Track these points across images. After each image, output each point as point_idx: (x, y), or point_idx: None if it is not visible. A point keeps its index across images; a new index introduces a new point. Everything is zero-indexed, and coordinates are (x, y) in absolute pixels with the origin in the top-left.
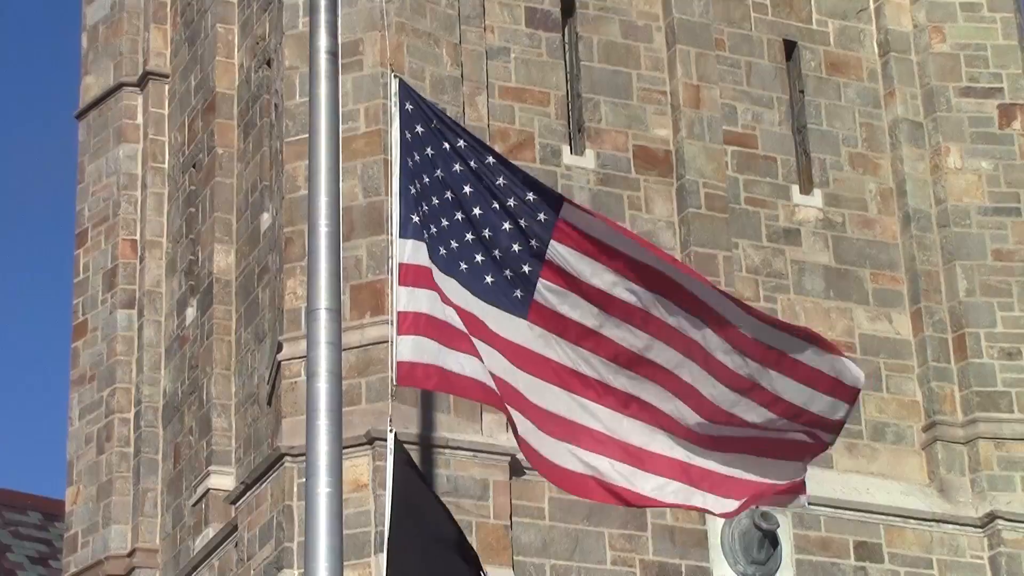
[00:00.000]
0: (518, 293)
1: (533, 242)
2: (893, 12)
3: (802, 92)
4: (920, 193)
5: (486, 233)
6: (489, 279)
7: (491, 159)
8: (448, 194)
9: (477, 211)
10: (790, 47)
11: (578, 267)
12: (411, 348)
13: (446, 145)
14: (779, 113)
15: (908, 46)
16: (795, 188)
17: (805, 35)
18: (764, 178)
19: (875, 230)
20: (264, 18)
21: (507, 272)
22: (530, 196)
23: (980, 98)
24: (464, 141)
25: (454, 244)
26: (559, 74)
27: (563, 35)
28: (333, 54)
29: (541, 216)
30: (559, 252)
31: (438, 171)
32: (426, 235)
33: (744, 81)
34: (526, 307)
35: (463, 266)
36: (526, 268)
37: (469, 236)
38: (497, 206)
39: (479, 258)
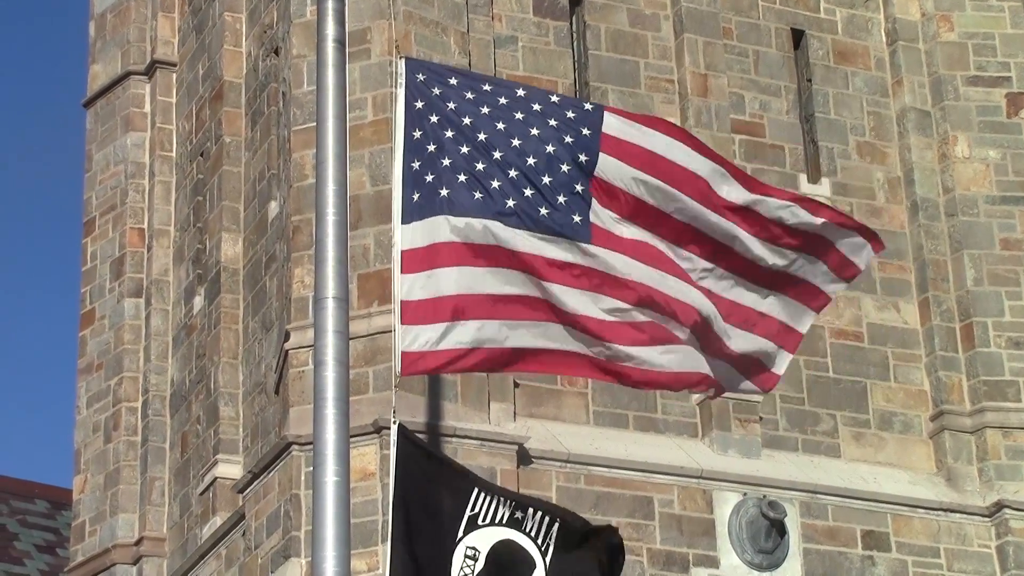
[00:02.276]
0: (577, 218)
1: (582, 156)
2: (901, 1)
3: (810, 81)
4: (928, 182)
5: (530, 161)
6: (544, 210)
7: (521, 91)
8: (481, 136)
9: (516, 142)
10: (798, 36)
11: (623, 179)
12: (414, 337)
13: (469, 94)
14: (787, 102)
15: (916, 35)
16: (803, 177)
17: (813, 24)
18: (772, 167)
19: (883, 219)
20: (272, 6)
21: (561, 198)
22: (571, 113)
23: (988, 87)
24: (490, 84)
25: (495, 183)
26: (567, 63)
27: (571, 24)
28: (341, 42)
29: (585, 131)
30: (607, 163)
31: (465, 118)
32: (444, 191)
33: (752, 70)
34: (588, 231)
35: (510, 203)
36: (579, 187)
37: (512, 173)
38: (536, 131)
39: (528, 192)
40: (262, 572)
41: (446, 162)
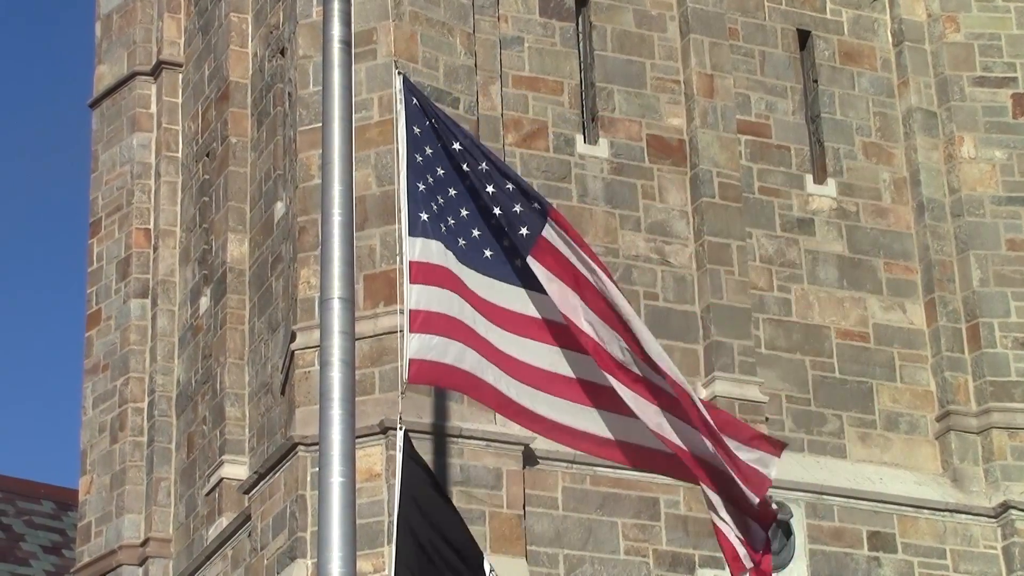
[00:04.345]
0: (518, 262)
1: (517, 261)
2: (907, 2)
3: (816, 81)
4: (934, 182)
5: (496, 211)
6: (488, 252)
7: (484, 166)
8: (451, 191)
9: (490, 189)
10: (804, 36)
11: (548, 288)
12: (422, 346)
13: (443, 143)
14: (793, 102)
15: (922, 35)
16: (809, 177)
17: (819, 24)
18: (778, 167)
19: (889, 220)
20: (278, 7)
21: (505, 242)
22: (517, 208)
23: (994, 87)
24: (460, 144)
25: (475, 232)
26: (573, 63)
27: (577, 24)
28: (346, 43)
29: (523, 231)
30: (537, 269)
31: (443, 167)
32: (443, 228)
33: (758, 70)
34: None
35: (487, 253)
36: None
37: (476, 232)
38: (489, 205)
39: (504, 243)
40: (268, 573)
41: (452, 192)
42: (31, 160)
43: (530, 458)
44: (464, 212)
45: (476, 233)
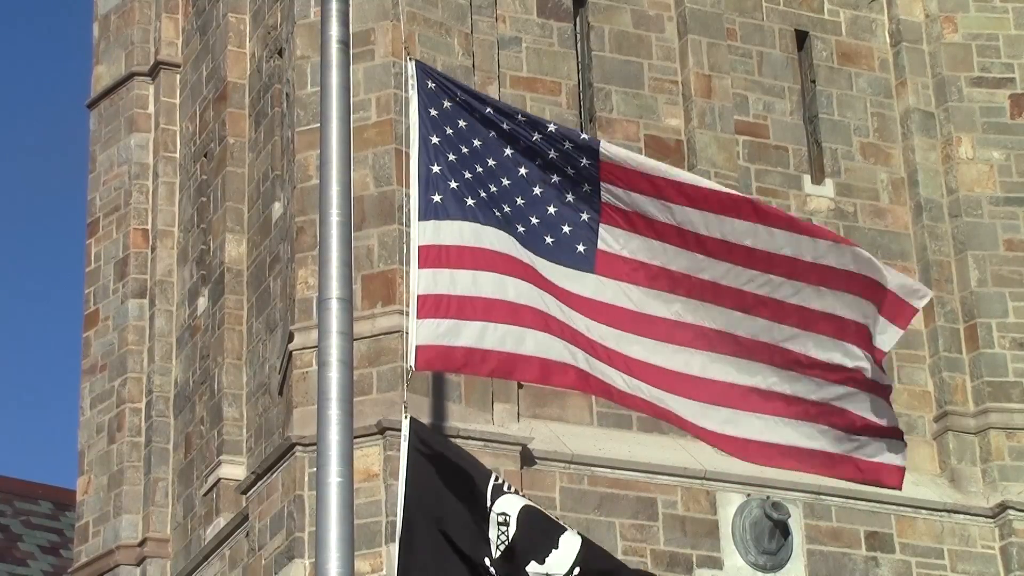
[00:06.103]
0: (580, 247)
1: (585, 187)
2: (905, 2)
3: (813, 82)
4: (932, 183)
5: (536, 191)
6: (549, 239)
7: (521, 117)
8: (490, 161)
9: (523, 171)
10: (801, 37)
11: (630, 202)
12: (430, 332)
13: (476, 114)
14: (790, 103)
15: (920, 36)
16: (807, 178)
17: (817, 25)
18: (776, 168)
19: (887, 220)
20: (275, 7)
21: (565, 228)
22: (568, 145)
23: (992, 88)
24: (492, 108)
25: (506, 208)
26: (571, 64)
27: (575, 25)
28: (344, 43)
29: (584, 161)
30: (611, 192)
31: (475, 141)
32: (470, 201)
33: (756, 71)
34: (592, 261)
35: (520, 228)
36: (585, 216)
37: (520, 200)
38: (540, 162)
39: (535, 220)
40: (266, 573)
41: (468, 175)
42: (29, 160)
43: (528, 458)
44: (505, 182)
45: (520, 201)
